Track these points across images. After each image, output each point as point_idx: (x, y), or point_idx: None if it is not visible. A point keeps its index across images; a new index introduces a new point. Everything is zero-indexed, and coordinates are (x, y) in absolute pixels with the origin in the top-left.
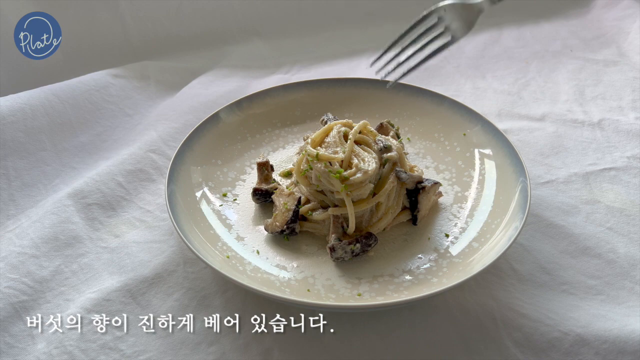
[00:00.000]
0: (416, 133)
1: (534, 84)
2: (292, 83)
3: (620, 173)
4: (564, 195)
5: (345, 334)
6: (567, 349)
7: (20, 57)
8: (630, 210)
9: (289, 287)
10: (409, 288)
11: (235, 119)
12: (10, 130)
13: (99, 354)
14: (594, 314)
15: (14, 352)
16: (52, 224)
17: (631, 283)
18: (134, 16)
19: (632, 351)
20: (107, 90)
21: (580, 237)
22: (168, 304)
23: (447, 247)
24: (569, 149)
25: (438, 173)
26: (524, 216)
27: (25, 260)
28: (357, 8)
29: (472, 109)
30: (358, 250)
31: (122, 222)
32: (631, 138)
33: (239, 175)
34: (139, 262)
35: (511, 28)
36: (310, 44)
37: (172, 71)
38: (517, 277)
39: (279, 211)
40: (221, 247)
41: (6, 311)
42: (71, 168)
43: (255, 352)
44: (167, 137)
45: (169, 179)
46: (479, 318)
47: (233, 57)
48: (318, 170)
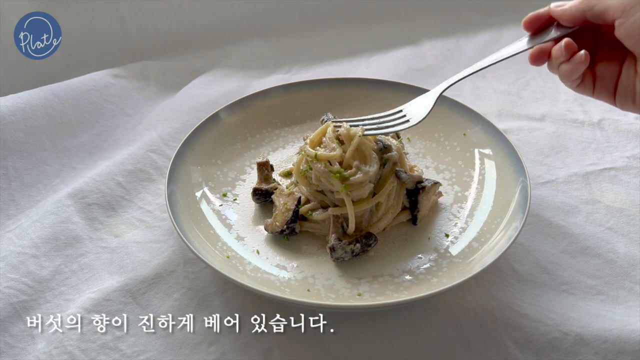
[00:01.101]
0: (416, 133)
1: (534, 84)
2: (292, 83)
3: (620, 173)
4: (564, 195)
5: (345, 334)
6: (567, 349)
7: (20, 57)
8: (630, 210)
9: (289, 287)
10: (409, 288)
11: (235, 119)
12: (10, 130)
13: (99, 354)
14: (594, 314)
15: (14, 352)
16: (52, 224)
17: (631, 283)
18: (134, 16)
19: (632, 351)
20: (107, 90)
21: (580, 237)
22: (168, 304)
23: (447, 247)
24: (569, 149)
25: (438, 173)
26: (524, 216)
27: (25, 260)
28: (357, 8)
29: (472, 109)
30: (358, 250)
31: (122, 222)
32: (631, 138)
33: (239, 175)
34: (139, 262)
35: (511, 28)
36: (310, 44)
37: (172, 71)
38: (517, 277)
39: (279, 211)
40: (221, 247)
41: (6, 311)
42: (71, 168)
43: (255, 352)
44: (167, 137)
45: (169, 179)
46: (479, 318)
47: (233, 57)
48: (318, 170)
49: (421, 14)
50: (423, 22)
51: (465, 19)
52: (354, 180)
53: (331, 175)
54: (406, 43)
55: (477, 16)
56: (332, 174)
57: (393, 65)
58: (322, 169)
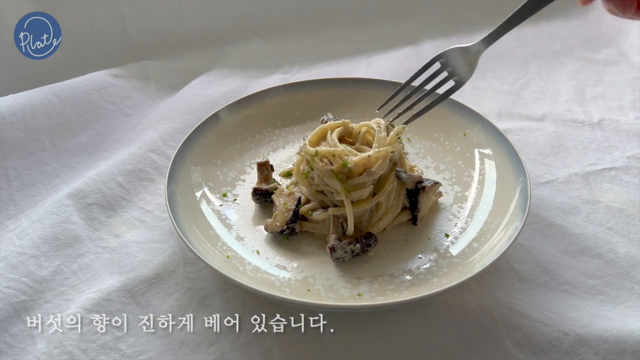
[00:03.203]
0: (416, 133)
1: (534, 84)
2: (292, 83)
3: (620, 173)
4: (564, 195)
5: (345, 334)
6: (567, 349)
7: (20, 57)
8: (630, 210)
9: (289, 287)
10: (409, 288)
11: (235, 119)
12: (10, 130)
13: (99, 354)
14: (594, 314)
15: (14, 352)
16: (52, 224)
17: (631, 283)
18: (134, 16)
19: (632, 351)
20: (107, 90)
21: (580, 237)
22: (168, 304)
23: (447, 247)
24: (569, 149)
25: (438, 173)
26: (524, 216)
27: (25, 260)
28: (357, 8)
29: (472, 109)
30: (358, 250)
31: (122, 222)
32: (631, 138)
33: (239, 175)
34: (139, 262)
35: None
36: (310, 44)
37: (172, 71)
38: (517, 277)
39: (279, 211)
40: (221, 247)
41: (6, 311)
42: (71, 168)
43: (255, 352)
44: (167, 137)
45: (169, 179)
46: (479, 318)
47: (233, 57)
48: (319, 169)
49: (421, 14)
50: (423, 22)
51: (465, 19)
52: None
53: (333, 173)
54: (406, 43)
55: (477, 16)
56: (334, 175)
57: (393, 65)
58: (325, 167)
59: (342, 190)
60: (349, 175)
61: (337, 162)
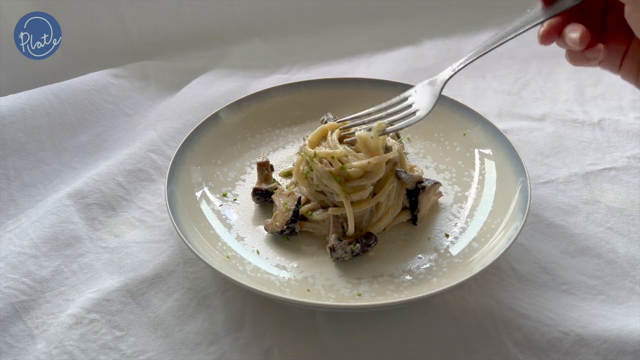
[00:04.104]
0: (416, 133)
1: (534, 84)
2: (292, 83)
3: (620, 173)
4: (564, 195)
5: (345, 334)
6: (567, 349)
7: (20, 57)
8: (630, 210)
9: (289, 287)
10: (409, 288)
11: (235, 119)
12: (10, 130)
13: (99, 354)
14: (594, 314)
15: (14, 352)
16: (52, 224)
17: (631, 283)
18: (134, 16)
19: (632, 351)
20: (107, 90)
21: (580, 237)
22: (168, 304)
23: (447, 247)
24: (569, 149)
25: (438, 173)
26: (524, 216)
27: (25, 260)
28: (357, 8)
29: (472, 109)
30: (358, 250)
31: (122, 222)
32: (631, 138)
33: (239, 175)
34: (139, 262)
35: None
36: (310, 44)
37: (172, 71)
38: (517, 277)
39: (279, 211)
40: (221, 247)
41: (6, 311)
42: (71, 168)
43: (255, 352)
44: (167, 137)
45: (169, 179)
46: (479, 318)
47: (233, 57)
48: (319, 171)
49: (421, 14)
50: (423, 22)
51: (465, 19)
52: (358, 183)
53: (332, 175)
54: (406, 43)
55: (477, 16)
56: (333, 177)
57: (393, 65)
58: (324, 169)
59: (341, 192)
60: (348, 178)
61: (337, 164)
